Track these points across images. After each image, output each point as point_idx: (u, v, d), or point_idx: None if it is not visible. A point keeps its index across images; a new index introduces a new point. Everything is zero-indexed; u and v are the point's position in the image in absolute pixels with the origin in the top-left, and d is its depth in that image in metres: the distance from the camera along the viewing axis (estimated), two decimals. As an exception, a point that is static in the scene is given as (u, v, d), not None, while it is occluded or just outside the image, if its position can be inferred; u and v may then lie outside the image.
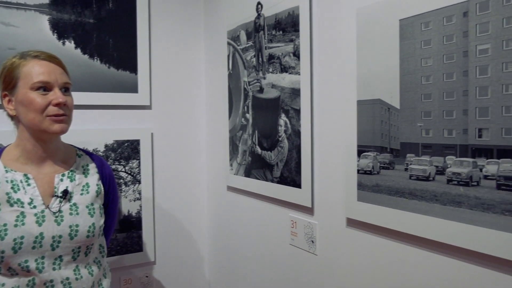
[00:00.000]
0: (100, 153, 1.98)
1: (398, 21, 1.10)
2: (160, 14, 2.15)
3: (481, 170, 0.93)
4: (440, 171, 1.01)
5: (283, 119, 1.56)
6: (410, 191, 1.08)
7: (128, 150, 2.06)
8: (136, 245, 2.08)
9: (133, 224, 2.07)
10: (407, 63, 1.08)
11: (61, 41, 1.91)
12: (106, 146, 2.00)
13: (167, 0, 2.17)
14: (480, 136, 0.93)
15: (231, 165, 1.98)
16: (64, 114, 1.22)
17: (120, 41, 2.03)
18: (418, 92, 1.06)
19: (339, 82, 1.33)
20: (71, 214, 1.27)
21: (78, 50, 1.94)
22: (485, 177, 0.92)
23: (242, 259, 1.96)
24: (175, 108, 2.21)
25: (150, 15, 2.12)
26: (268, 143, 1.67)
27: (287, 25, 1.53)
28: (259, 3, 1.70)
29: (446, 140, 1.00)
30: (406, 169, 1.10)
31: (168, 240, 2.21)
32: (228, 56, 1.98)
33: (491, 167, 0.91)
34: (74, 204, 1.29)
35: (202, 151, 2.31)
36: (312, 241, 1.48)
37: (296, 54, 1.48)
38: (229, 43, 1.96)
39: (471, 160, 0.95)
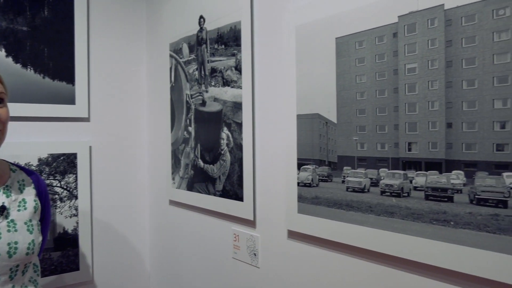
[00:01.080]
0: (33, 167, 1.87)
1: (335, 39, 1.14)
2: (100, 23, 2.10)
3: (411, 181, 0.98)
4: (374, 183, 1.06)
5: (225, 133, 1.57)
6: (347, 203, 1.12)
7: (64, 164, 1.97)
8: (72, 263, 1.98)
9: (69, 242, 1.97)
10: (343, 79, 1.13)
11: (-9, 49, 1.80)
12: (39, 160, 1.90)
13: (108, 9, 2.13)
14: (409, 150, 0.99)
15: (173, 178, 1.95)
16: None
17: (56, 51, 1.95)
18: (353, 107, 1.11)
19: (280, 96, 1.36)
20: (9, 231, 1.20)
21: (10, 59, 1.84)
22: (415, 188, 0.97)
23: (185, 274, 1.93)
24: (115, 120, 2.15)
25: (89, 24, 2.06)
26: (210, 156, 1.66)
27: (229, 40, 1.54)
28: (201, 17, 1.70)
29: (379, 153, 1.05)
30: (343, 182, 1.14)
31: (107, 257, 2.12)
32: (171, 68, 1.96)
33: (420, 178, 0.96)
34: (12, 220, 1.22)
35: (144, 165, 2.26)
36: (255, 254, 1.48)
37: (238, 68, 1.50)
38: (171, 56, 1.95)
39: (402, 172, 1.00)
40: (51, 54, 1.94)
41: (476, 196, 0.87)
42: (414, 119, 0.97)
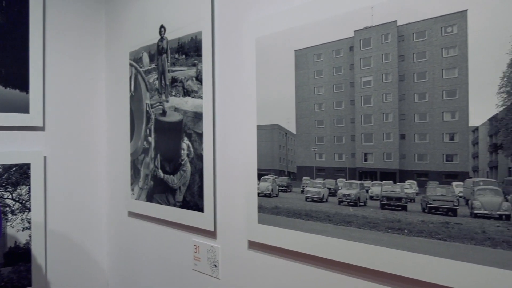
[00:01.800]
0: (-18, 179, 1.79)
1: (294, 52, 1.17)
2: (57, 29, 2.04)
3: (367, 191, 1.01)
4: (333, 193, 1.08)
5: (185, 143, 1.55)
6: (306, 213, 1.13)
7: (17, 175, 1.89)
8: (24, 279, 1.89)
9: (20, 257, 1.88)
10: (302, 91, 1.15)
11: None
12: (-11, 171, 1.81)
13: (65, 15, 2.07)
14: (366, 160, 1.01)
15: (132, 189, 1.91)
16: None
17: (9, 57, 1.88)
18: (312, 118, 1.13)
19: (240, 107, 1.37)
20: None
21: (-42, 65, 1.76)
22: (371, 197, 1.00)
23: (145, 287, 1.89)
24: (72, 130, 2.09)
25: (44, 30, 2.00)
26: (170, 167, 1.64)
27: (190, 50, 1.54)
28: (162, 26, 1.69)
29: (337, 164, 1.07)
30: (302, 191, 1.15)
31: (63, 272, 2.04)
32: (130, 77, 1.93)
33: (375, 188, 0.99)
34: None
35: (101, 175, 2.20)
36: (215, 265, 1.47)
37: (199, 79, 1.50)
38: (131, 65, 1.92)
39: (358, 182, 1.02)
40: (3, 61, 1.87)
41: (428, 205, 0.90)
42: (370, 131, 1.00)
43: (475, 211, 0.84)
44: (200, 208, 1.50)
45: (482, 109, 0.83)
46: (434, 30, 0.89)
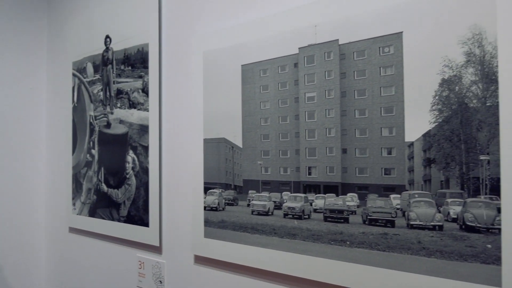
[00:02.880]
0: None
1: (240, 66, 1.18)
2: (-7, 37, 1.94)
3: (311, 204, 1.03)
4: (278, 206, 1.09)
5: (131, 156, 1.52)
6: (252, 226, 1.14)
7: None
8: (-50, 303, 1.75)
9: None
10: (248, 105, 1.16)
11: None
12: None
13: (3, 22, 1.97)
14: (309, 174, 1.04)
15: (74, 204, 1.83)
16: None
17: None
18: (258, 132, 1.14)
19: (187, 120, 1.36)
20: None
21: None
22: (315, 210, 1.02)
23: (84, 308, 1.80)
24: (8, 142, 1.98)
25: (-20, 38, 1.89)
26: (115, 180, 1.59)
27: (136, 61, 1.51)
28: (107, 37, 1.65)
29: (282, 177, 1.09)
30: (248, 205, 1.16)
31: (-6, 294, 1.91)
32: (73, 88, 1.86)
33: (319, 201, 1.02)
34: None
35: (40, 190, 2.09)
36: (160, 281, 1.43)
37: (145, 91, 1.47)
38: (74, 75, 1.85)
39: (303, 195, 1.05)
40: None
41: (368, 217, 0.94)
42: (314, 145, 1.03)
43: (411, 222, 0.88)
44: (145, 223, 1.46)
45: (416, 125, 0.88)
46: (373, 50, 0.94)
